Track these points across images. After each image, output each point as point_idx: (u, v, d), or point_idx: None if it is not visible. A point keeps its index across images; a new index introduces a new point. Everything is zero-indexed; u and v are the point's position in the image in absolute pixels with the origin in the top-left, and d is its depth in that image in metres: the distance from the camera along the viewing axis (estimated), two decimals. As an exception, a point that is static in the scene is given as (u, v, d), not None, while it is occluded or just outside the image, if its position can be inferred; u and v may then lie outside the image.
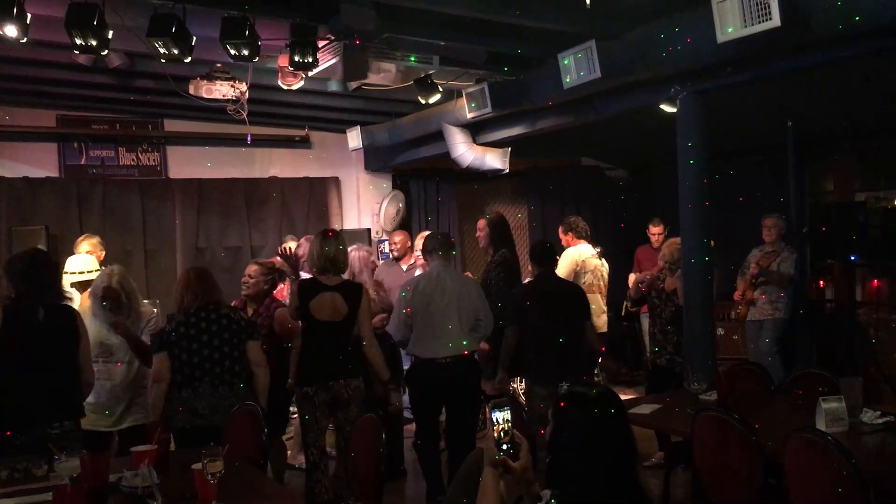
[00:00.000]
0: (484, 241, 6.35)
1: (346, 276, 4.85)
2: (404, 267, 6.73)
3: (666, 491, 4.61)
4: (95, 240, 6.48)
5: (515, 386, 6.61)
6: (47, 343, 3.79)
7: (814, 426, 3.56)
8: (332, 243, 4.66)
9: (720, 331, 7.61)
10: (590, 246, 6.89)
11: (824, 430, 3.42)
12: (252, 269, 5.30)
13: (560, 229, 7.05)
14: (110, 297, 4.50)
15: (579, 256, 6.81)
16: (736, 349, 7.75)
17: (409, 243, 6.89)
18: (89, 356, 4.02)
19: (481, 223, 6.40)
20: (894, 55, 4.71)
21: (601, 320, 6.73)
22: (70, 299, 4.34)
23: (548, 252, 5.52)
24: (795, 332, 7.00)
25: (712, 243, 5.27)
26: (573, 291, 5.59)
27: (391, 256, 7.00)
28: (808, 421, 3.64)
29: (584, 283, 6.62)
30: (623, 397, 2.43)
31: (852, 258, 7.71)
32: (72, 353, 3.88)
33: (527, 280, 5.64)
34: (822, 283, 8.16)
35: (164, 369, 4.23)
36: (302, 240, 6.45)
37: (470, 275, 6.46)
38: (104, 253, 6.44)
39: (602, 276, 6.85)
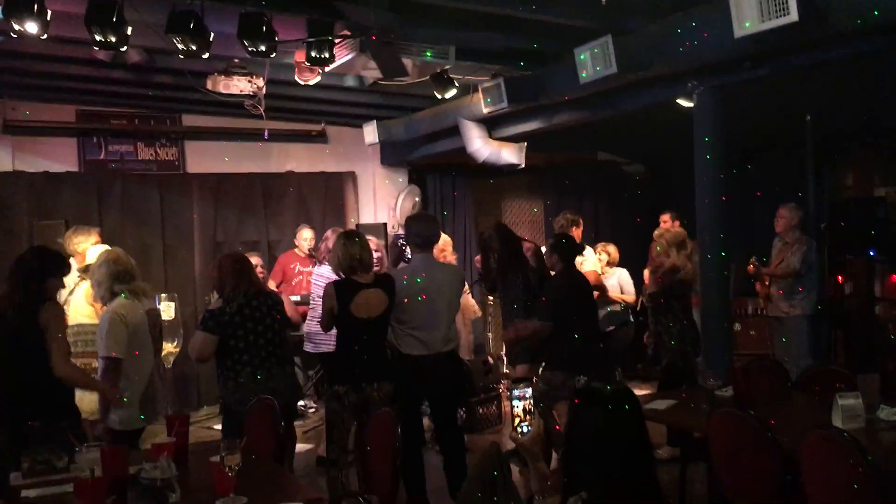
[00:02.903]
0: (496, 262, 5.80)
1: None
2: None
3: (682, 487, 4.61)
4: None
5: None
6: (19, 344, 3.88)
7: (830, 423, 3.55)
8: (357, 243, 4.65)
9: (737, 326, 7.59)
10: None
11: (841, 427, 3.41)
12: (254, 259, 5.40)
13: (564, 225, 6.90)
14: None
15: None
16: (754, 345, 7.72)
17: None
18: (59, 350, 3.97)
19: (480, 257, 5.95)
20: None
21: None
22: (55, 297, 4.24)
23: (575, 247, 5.56)
24: (819, 327, 6.93)
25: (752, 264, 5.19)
26: (590, 286, 5.65)
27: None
28: (825, 417, 3.63)
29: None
30: (638, 393, 2.45)
31: (871, 254, 7.65)
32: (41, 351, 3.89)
33: (553, 274, 5.54)
34: (840, 278, 8.10)
35: (210, 350, 4.32)
36: (328, 232, 6.50)
37: (453, 257, 6.38)
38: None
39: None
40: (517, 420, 2.24)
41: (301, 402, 7.36)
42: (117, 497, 2.91)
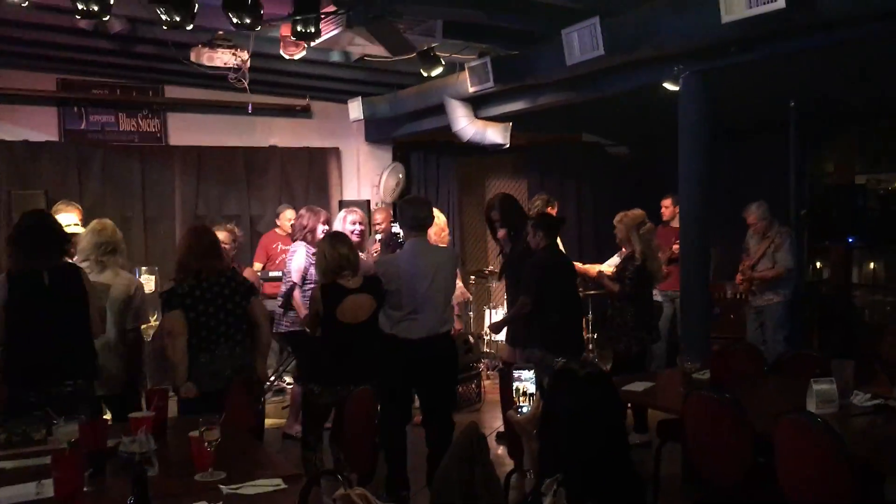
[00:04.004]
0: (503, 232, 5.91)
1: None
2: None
3: (656, 467, 4.66)
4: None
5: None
6: (55, 305, 3.87)
7: (804, 407, 3.60)
8: (343, 244, 4.59)
9: (717, 310, 7.66)
10: None
11: (814, 412, 3.46)
12: (222, 235, 5.30)
13: (540, 205, 6.95)
14: None
15: None
16: (732, 329, 7.79)
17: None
18: (97, 311, 4.11)
19: (495, 215, 5.92)
20: (898, 38, 4.70)
21: None
22: (73, 255, 4.34)
23: (558, 224, 5.60)
24: (796, 313, 7.01)
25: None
26: (572, 265, 5.69)
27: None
28: (800, 402, 3.68)
29: None
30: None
31: (850, 240, 7.74)
32: (82, 312, 3.97)
33: (537, 251, 5.56)
34: (819, 264, 8.20)
35: (180, 324, 4.22)
36: (303, 210, 6.44)
37: (445, 236, 6.40)
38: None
39: None
40: (519, 396, 2.30)
41: (272, 379, 7.38)
42: (95, 470, 2.91)
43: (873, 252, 7.98)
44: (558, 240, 6.89)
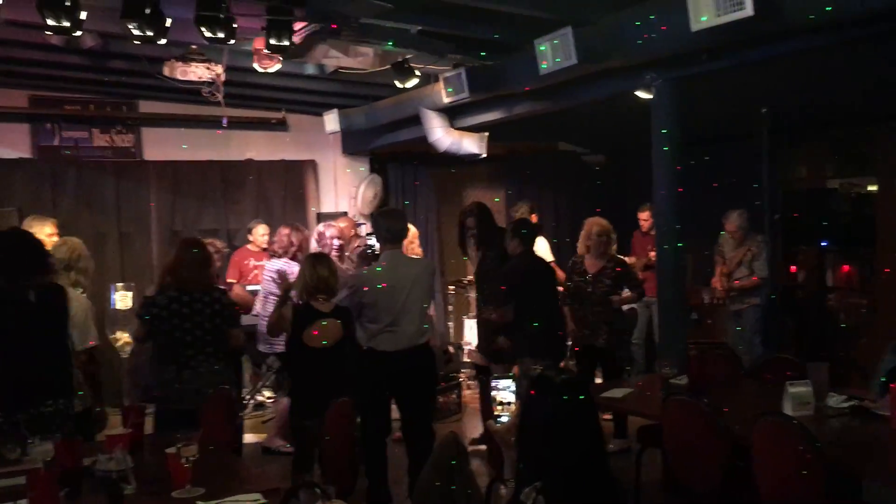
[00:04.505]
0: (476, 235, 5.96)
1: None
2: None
3: (637, 473, 4.68)
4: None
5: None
6: (40, 324, 3.83)
7: (781, 410, 3.63)
8: (325, 266, 4.59)
9: (693, 316, 7.72)
10: None
11: (790, 414, 3.50)
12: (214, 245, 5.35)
13: (524, 213, 7.07)
14: None
15: None
16: (708, 334, 7.85)
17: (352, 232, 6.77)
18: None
19: (471, 223, 5.96)
20: (865, 45, 4.77)
21: None
22: (56, 272, 4.30)
23: (535, 231, 5.66)
24: (771, 316, 7.10)
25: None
26: (549, 270, 5.72)
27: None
28: (776, 405, 3.71)
29: None
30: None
31: (823, 244, 7.83)
32: (64, 331, 3.94)
33: (512, 258, 5.61)
34: (793, 268, 8.28)
35: (141, 334, 4.36)
36: (286, 229, 6.45)
37: (415, 247, 6.40)
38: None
39: None
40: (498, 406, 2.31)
41: (246, 396, 7.34)
42: (71, 489, 2.88)
43: (846, 255, 8.08)
44: (548, 246, 6.98)
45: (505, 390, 2.29)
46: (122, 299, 5.87)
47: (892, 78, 5.99)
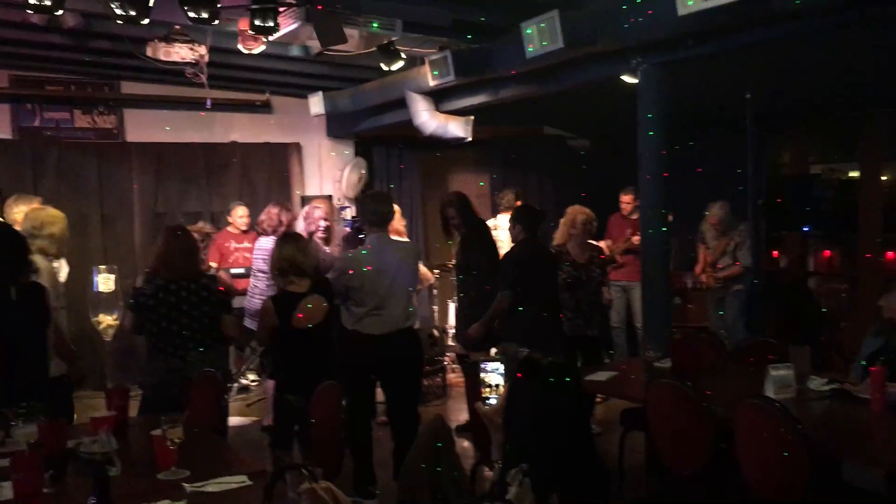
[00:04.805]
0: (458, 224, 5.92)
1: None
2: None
3: (621, 456, 4.72)
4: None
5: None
6: (22, 322, 3.80)
7: (763, 393, 3.67)
8: (291, 244, 4.53)
9: (677, 300, 7.78)
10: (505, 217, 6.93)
11: (773, 397, 3.53)
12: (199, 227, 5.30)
13: (510, 199, 7.12)
14: None
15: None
16: (692, 318, 7.92)
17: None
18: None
19: (451, 213, 5.91)
20: (851, 30, 4.79)
21: None
22: (37, 271, 4.26)
23: (538, 217, 5.61)
24: (754, 301, 7.17)
25: (670, 217, 5.36)
26: (554, 259, 5.71)
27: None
28: (758, 388, 3.75)
29: None
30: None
31: (805, 229, 7.89)
32: (44, 330, 3.92)
33: (515, 244, 5.60)
34: (775, 253, 8.35)
35: (129, 325, 4.33)
36: (274, 208, 6.46)
37: (401, 231, 6.40)
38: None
39: None
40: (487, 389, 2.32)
41: (237, 380, 7.35)
42: (55, 472, 2.86)
43: (828, 241, 8.15)
44: None
45: (493, 373, 2.30)
46: (105, 282, 5.85)
47: (876, 64, 6.03)
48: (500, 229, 7.03)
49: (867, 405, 3.54)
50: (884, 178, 7.51)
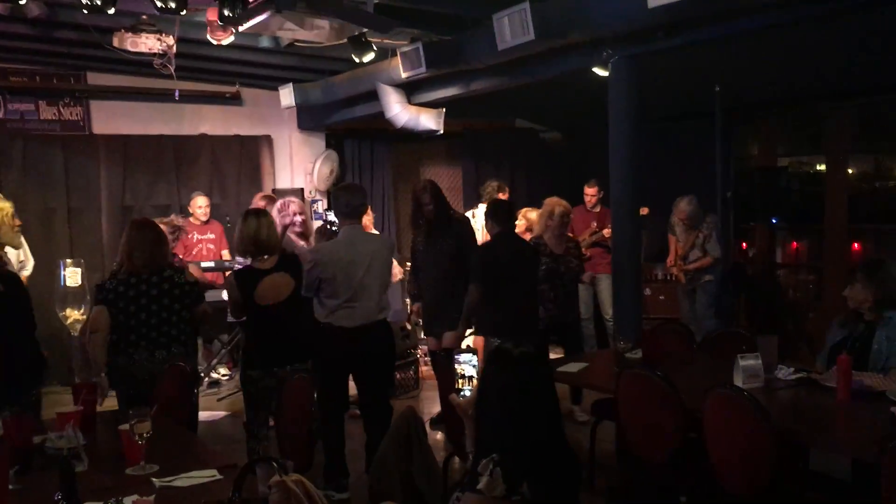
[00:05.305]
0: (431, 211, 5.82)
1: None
2: None
3: (592, 446, 4.76)
4: None
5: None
6: (9, 312, 3.84)
7: (732, 382, 3.71)
8: (253, 220, 4.48)
9: (647, 291, 7.84)
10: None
11: (741, 386, 3.57)
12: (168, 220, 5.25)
13: (491, 192, 7.15)
14: None
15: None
16: (662, 309, 7.98)
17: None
18: None
19: (426, 199, 5.78)
20: (819, 23, 4.84)
21: None
22: (7, 263, 4.23)
23: (512, 211, 5.61)
24: (723, 292, 7.25)
25: (646, 210, 5.39)
26: (534, 252, 5.68)
27: None
28: (727, 377, 3.79)
29: None
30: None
31: (773, 221, 7.99)
32: (31, 318, 4.02)
33: (487, 238, 5.60)
34: (744, 245, 8.44)
35: (101, 320, 4.14)
36: (260, 199, 6.43)
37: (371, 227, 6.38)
38: None
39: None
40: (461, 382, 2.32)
41: (207, 374, 7.29)
42: (21, 467, 2.82)
43: (796, 232, 8.26)
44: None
45: (467, 364, 2.30)
46: (72, 276, 5.76)
47: (843, 57, 6.11)
48: (478, 218, 7.04)
49: (833, 394, 3.59)
50: (849, 170, 7.61)
